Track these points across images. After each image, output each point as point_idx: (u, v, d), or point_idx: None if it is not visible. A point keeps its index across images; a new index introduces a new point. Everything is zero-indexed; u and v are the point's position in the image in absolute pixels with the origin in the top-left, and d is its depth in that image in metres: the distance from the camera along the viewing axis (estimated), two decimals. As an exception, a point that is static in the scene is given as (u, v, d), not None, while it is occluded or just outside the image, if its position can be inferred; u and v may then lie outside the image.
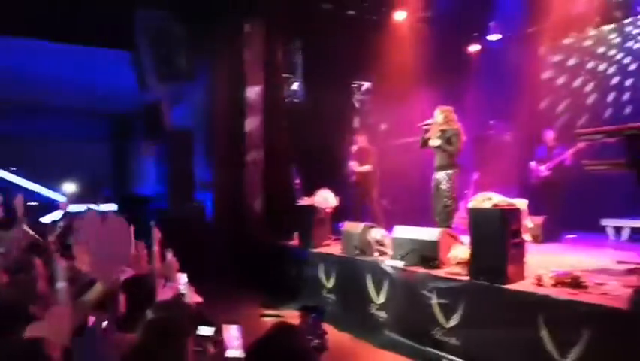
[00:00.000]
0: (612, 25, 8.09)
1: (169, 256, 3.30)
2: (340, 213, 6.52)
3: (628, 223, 6.36)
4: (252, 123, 7.75)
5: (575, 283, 3.54)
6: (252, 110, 7.73)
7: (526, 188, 6.91)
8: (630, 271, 4.01)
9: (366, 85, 9.32)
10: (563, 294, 3.36)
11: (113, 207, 8.78)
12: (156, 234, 3.33)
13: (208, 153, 8.39)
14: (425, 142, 5.76)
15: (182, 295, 2.83)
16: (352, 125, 8.76)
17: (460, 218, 5.81)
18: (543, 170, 6.90)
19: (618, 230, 6.57)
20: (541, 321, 3.29)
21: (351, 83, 9.17)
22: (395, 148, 7.30)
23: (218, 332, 2.41)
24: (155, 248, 3.29)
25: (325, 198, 6.10)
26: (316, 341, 2.25)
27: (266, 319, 5.16)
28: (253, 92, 7.75)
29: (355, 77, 9.22)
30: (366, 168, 7.08)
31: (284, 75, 8.29)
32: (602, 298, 3.26)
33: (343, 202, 6.62)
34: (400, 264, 4.55)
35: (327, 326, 4.88)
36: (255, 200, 7.63)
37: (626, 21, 7.92)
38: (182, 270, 3.39)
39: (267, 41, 7.84)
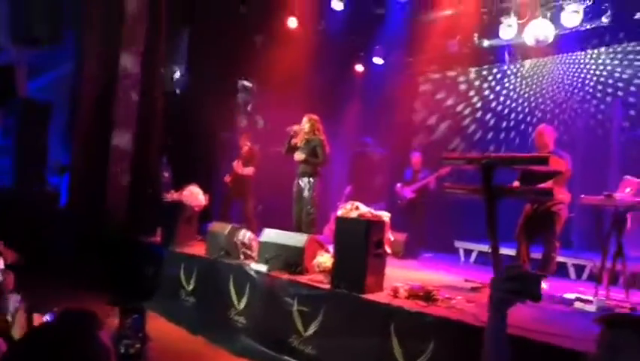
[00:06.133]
0: (477, 68, 8.98)
1: (-7, 240, 2.81)
2: (209, 214, 6.23)
3: (476, 247, 6.99)
4: (123, 106, 7.09)
5: (427, 296, 3.72)
6: (124, 93, 7.07)
7: (393, 206, 7.26)
8: (474, 289, 4.37)
9: (251, 85, 9.17)
10: (415, 306, 3.51)
11: None
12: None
13: (68, 132, 7.52)
14: (290, 148, 5.85)
15: (-1, 282, 2.41)
16: (232, 124, 8.53)
17: (329, 229, 5.90)
18: (408, 191, 7.32)
19: (468, 252, 7.19)
20: (392, 330, 3.39)
21: (236, 81, 8.95)
22: (270, 153, 7.24)
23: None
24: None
25: (194, 195, 5.77)
26: (136, 345, 1.97)
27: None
28: (128, 73, 7.10)
29: (241, 76, 9.03)
30: (250, 170, 6.91)
31: (165, 61, 7.79)
32: (448, 311, 3.46)
33: (213, 202, 6.35)
34: (264, 268, 4.43)
35: (181, 330, 4.64)
36: (118, 189, 6.98)
37: (488, 66, 8.85)
38: (20, 260, 2.93)
39: (150, 23, 7.29)
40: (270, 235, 4.71)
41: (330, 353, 3.75)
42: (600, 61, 7.54)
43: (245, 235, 4.95)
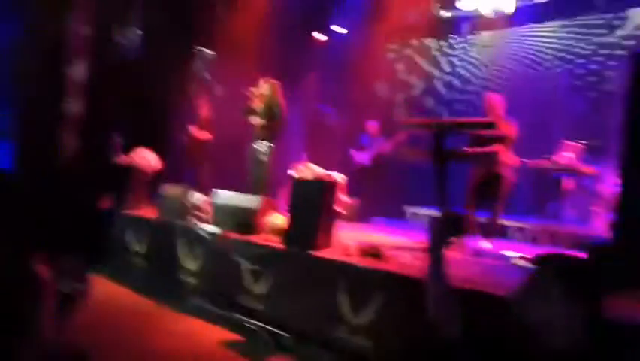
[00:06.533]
0: (435, 38, 9.06)
1: None
2: (162, 178, 6.13)
3: (428, 211, 7.16)
4: (74, 68, 6.83)
5: (376, 253, 3.82)
6: (75, 55, 6.81)
7: (348, 172, 7.33)
8: (421, 248, 4.49)
9: (209, 53, 8.95)
10: (365, 263, 3.60)
11: None
12: None
13: (13, 98, 7.17)
14: (248, 112, 5.83)
15: None
16: (188, 90, 8.35)
17: (284, 192, 5.91)
18: (363, 157, 7.39)
19: (419, 216, 7.38)
20: (342, 286, 3.47)
21: (192, 47, 8.72)
22: (227, 118, 7.16)
23: None
24: None
25: (145, 159, 5.65)
26: (76, 285, 1.96)
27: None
28: (80, 34, 6.82)
29: (198, 43, 8.80)
30: (206, 134, 6.86)
31: (120, 24, 7.51)
32: (396, 266, 3.57)
33: (167, 166, 6.26)
34: (216, 229, 4.42)
35: (131, 293, 4.59)
36: (68, 154, 6.75)
37: (447, 36, 8.94)
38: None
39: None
40: (223, 196, 4.69)
41: (281, 310, 3.81)
42: (558, 34, 7.72)
43: (197, 196, 4.91)
